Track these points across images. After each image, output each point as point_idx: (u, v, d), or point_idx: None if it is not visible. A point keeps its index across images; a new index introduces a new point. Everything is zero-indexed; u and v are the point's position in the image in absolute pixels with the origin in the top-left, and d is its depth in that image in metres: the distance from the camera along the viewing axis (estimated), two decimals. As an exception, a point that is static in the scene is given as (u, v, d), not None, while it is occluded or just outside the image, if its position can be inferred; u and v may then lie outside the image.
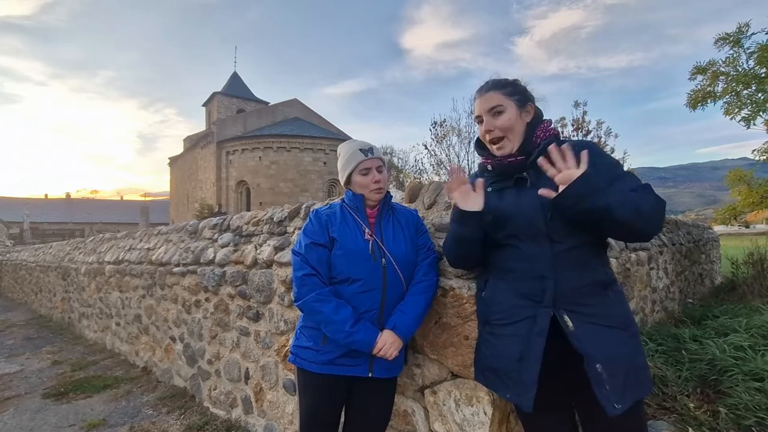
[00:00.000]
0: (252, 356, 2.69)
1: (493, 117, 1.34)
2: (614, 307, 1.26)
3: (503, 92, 1.34)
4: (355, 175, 1.63)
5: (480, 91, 1.38)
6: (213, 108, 28.90)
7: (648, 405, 2.36)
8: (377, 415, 1.62)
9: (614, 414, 1.14)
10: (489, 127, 1.34)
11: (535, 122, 1.37)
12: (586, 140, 1.55)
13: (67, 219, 39.19)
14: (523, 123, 1.35)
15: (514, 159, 1.34)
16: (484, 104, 1.35)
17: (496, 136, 1.35)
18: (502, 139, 1.34)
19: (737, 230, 12.45)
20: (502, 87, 1.35)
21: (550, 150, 1.19)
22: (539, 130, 1.34)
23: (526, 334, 1.26)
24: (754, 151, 8.13)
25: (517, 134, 1.34)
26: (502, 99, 1.34)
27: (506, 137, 1.34)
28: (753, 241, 6.65)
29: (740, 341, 2.90)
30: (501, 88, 1.35)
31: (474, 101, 1.42)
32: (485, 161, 1.44)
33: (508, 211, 1.33)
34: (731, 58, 7.40)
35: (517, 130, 1.34)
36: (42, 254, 9.17)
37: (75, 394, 3.64)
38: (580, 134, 11.47)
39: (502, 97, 1.34)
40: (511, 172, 1.36)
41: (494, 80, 1.38)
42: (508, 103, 1.33)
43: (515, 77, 1.40)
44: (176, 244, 3.88)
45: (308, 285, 1.51)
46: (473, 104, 1.44)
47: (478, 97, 1.38)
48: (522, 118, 1.35)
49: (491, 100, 1.34)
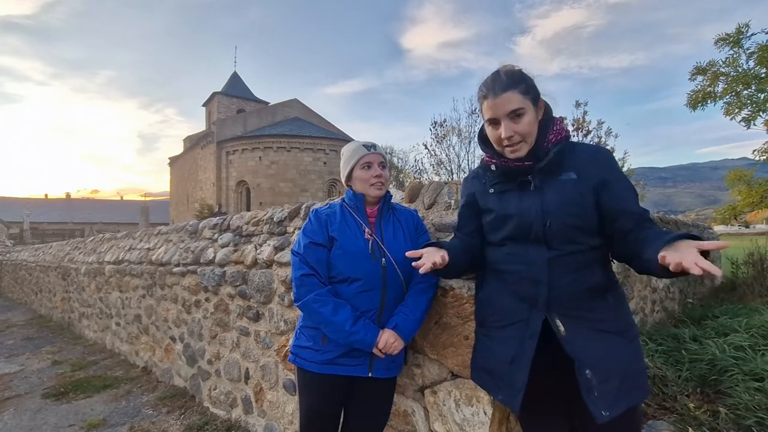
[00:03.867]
0: (252, 356, 2.69)
1: (513, 121, 1.21)
2: (611, 312, 1.23)
3: (520, 91, 1.20)
4: (356, 170, 1.63)
5: (494, 90, 1.21)
6: (213, 108, 28.89)
7: (648, 405, 2.36)
8: (377, 414, 1.62)
9: (602, 421, 1.12)
10: (509, 132, 1.21)
11: (546, 123, 1.27)
12: (600, 146, 1.52)
13: (67, 219, 39.19)
14: (537, 124, 1.25)
15: (521, 164, 1.26)
16: (503, 107, 1.20)
17: (516, 141, 1.23)
18: (519, 143, 1.23)
19: (737, 230, 12.45)
20: (517, 85, 1.20)
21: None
22: (551, 133, 1.26)
23: (519, 336, 1.25)
24: (755, 151, 8.13)
25: (534, 136, 1.24)
26: (522, 100, 1.20)
27: (524, 141, 1.23)
28: (753, 241, 6.65)
29: (740, 341, 2.90)
30: (516, 86, 1.20)
31: (483, 100, 1.25)
32: (489, 160, 1.34)
33: (507, 213, 1.31)
34: (731, 58, 7.40)
35: (534, 133, 1.24)
36: (42, 254, 9.17)
37: (75, 394, 3.63)
38: (580, 134, 11.45)
39: (521, 97, 1.20)
40: (516, 175, 1.29)
41: (508, 76, 1.22)
42: (527, 105, 1.21)
43: (518, 67, 1.26)
44: (176, 244, 3.88)
45: (307, 285, 1.51)
46: (481, 103, 1.27)
47: (492, 98, 1.21)
48: (537, 117, 1.25)
49: (511, 102, 1.19)
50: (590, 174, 1.23)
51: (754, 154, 8.12)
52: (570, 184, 1.23)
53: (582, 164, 1.25)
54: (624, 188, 1.24)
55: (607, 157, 1.29)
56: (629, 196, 1.23)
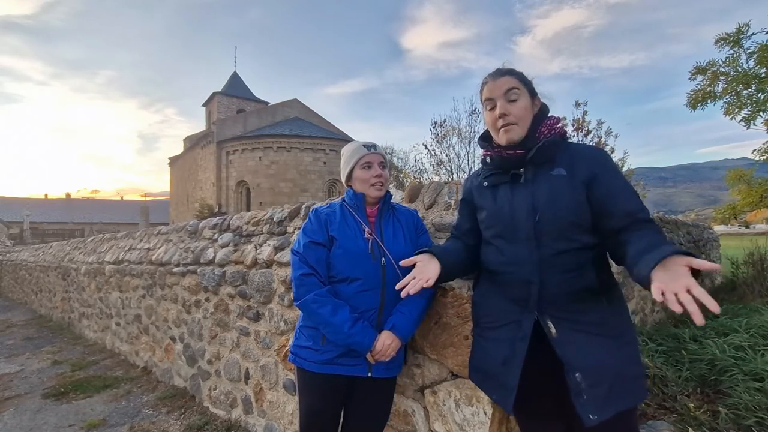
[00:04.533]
0: (252, 356, 2.69)
1: (508, 102, 1.28)
2: (605, 315, 1.20)
3: (517, 77, 1.31)
4: (356, 170, 1.64)
5: (493, 75, 1.33)
6: (213, 108, 28.88)
7: (648, 405, 2.36)
8: (376, 414, 1.62)
9: (590, 425, 1.11)
10: (504, 111, 1.28)
11: (540, 118, 1.33)
12: (597, 147, 1.52)
13: (67, 219, 39.19)
14: (531, 114, 1.31)
15: (513, 152, 1.29)
16: (500, 87, 1.29)
17: (510, 122, 1.28)
18: (512, 124, 1.29)
19: (737, 230, 12.45)
20: (514, 73, 1.32)
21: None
22: (544, 126, 1.30)
23: (511, 338, 1.25)
24: (755, 151, 8.13)
25: (527, 123, 1.30)
26: (518, 83, 1.30)
27: (517, 124, 1.28)
28: (753, 241, 6.65)
29: (740, 341, 2.90)
30: (514, 74, 1.32)
31: (483, 86, 1.35)
32: (485, 153, 1.40)
33: (499, 207, 1.32)
34: (731, 58, 7.40)
35: (527, 120, 1.30)
36: (42, 254, 9.18)
37: (75, 394, 3.64)
38: (580, 134, 11.47)
39: (517, 81, 1.30)
40: (508, 167, 1.31)
41: (508, 67, 1.34)
42: (522, 90, 1.30)
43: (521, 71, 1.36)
44: (176, 244, 3.88)
45: (306, 285, 1.51)
46: (482, 91, 1.36)
47: (491, 81, 1.32)
48: (532, 108, 1.31)
49: (507, 83, 1.29)
50: (581, 169, 1.24)
51: (754, 154, 8.12)
52: (561, 179, 1.24)
53: (573, 161, 1.26)
54: (616, 185, 1.22)
55: (600, 155, 1.30)
56: (622, 193, 1.21)
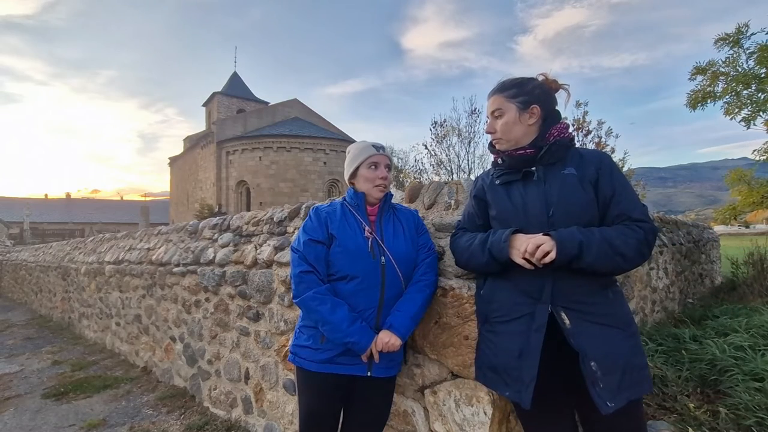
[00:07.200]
0: (252, 356, 2.69)
1: (494, 119, 1.43)
2: (613, 307, 1.28)
3: (505, 96, 1.41)
4: (362, 168, 1.64)
5: (489, 94, 1.48)
6: (213, 108, 28.88)
7: (648, 405, 2.36)
8: (376, 414, 1.62)
9: (607, 412, 1.15)
10: (489, 129, 1.46)
11: (552, 121, 1.40)
12: (601, 151, 1.59)
13: (67, 219, 39.20)
14: (525, 125, 1.39)
15: (523, 151, 1.38)
16: (489, 107, 1.46)
17: (496, 138, 1.45)
18: (499, 139, 1.44)
19: (737, 230, 12.45)
20: (505, 90, 1.42)
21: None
22: (554, 129, 1.38)
23: (525, 330, 1.27)
24: (755, 151, 8.14)
25: (516, 136, 1.39)
26: (502, 103, 1.41)
27: (502, 138, 1.42)
28: (753, 241, 6.64)
29: (740, 341, 2.89)
30: (503, 91, 1.42)
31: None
32: (496, 156, 1.50)
33: (512, 204, 1.37)
34: (731, 58, 7.41)
35: (516, 132, 1.39)
36: (42, 254, 9.17)
37: (75, 394, 3.63)
38: (581, 134, 11.48)
39: (502, 100, 1.41)
40: (520, 166, 1.39)
41: (501, 83, 1.45)
42: (507, 107, 1.40)
43: (531, 76, 1.44)
44: (176, 244, 3.88)
45: (305, 282, 1.51)
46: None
47: (487, 99, 1.48)
48: (522, 120, 1.38)
49: (492, 104, 1.44)
50: (588, 170, 1.33)
51: (754, 154, 8.13)
52: (571, 177, 1.32)
53: (581, 163, 1.35)
54: (617, 186, 1.30)
55: (604, 157, 1.39)
56: (622, 193, 1.30)
